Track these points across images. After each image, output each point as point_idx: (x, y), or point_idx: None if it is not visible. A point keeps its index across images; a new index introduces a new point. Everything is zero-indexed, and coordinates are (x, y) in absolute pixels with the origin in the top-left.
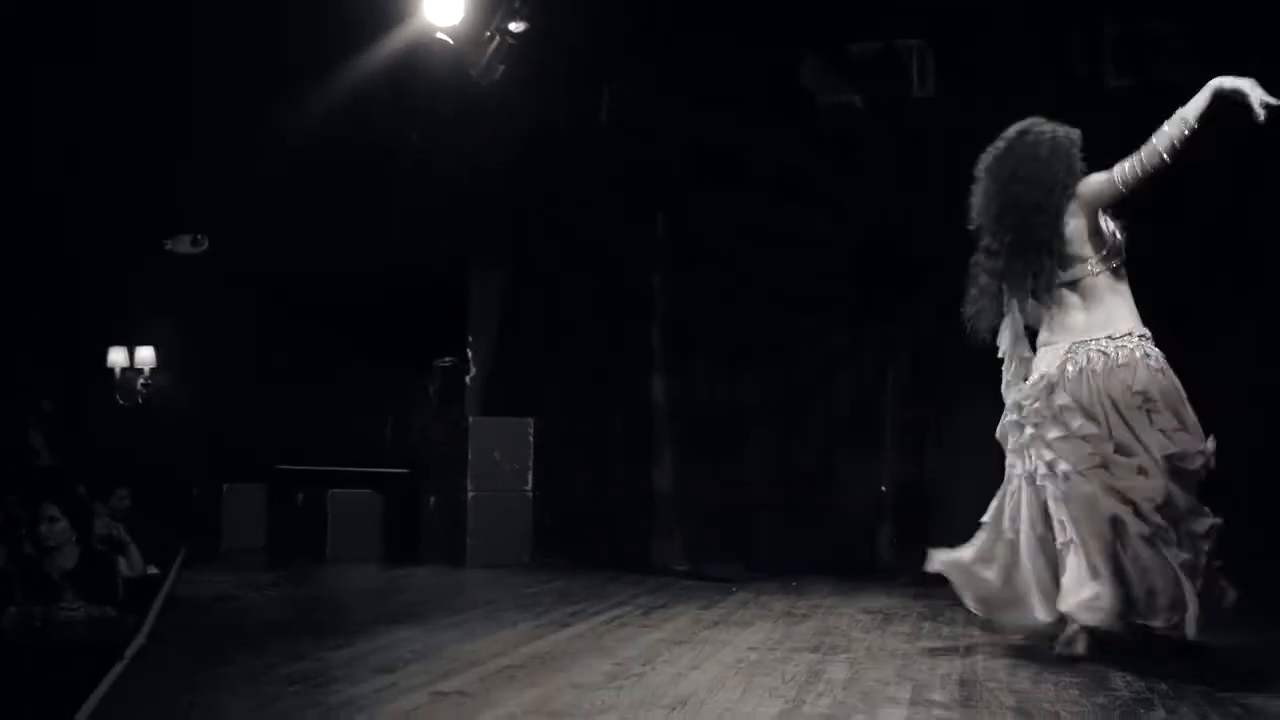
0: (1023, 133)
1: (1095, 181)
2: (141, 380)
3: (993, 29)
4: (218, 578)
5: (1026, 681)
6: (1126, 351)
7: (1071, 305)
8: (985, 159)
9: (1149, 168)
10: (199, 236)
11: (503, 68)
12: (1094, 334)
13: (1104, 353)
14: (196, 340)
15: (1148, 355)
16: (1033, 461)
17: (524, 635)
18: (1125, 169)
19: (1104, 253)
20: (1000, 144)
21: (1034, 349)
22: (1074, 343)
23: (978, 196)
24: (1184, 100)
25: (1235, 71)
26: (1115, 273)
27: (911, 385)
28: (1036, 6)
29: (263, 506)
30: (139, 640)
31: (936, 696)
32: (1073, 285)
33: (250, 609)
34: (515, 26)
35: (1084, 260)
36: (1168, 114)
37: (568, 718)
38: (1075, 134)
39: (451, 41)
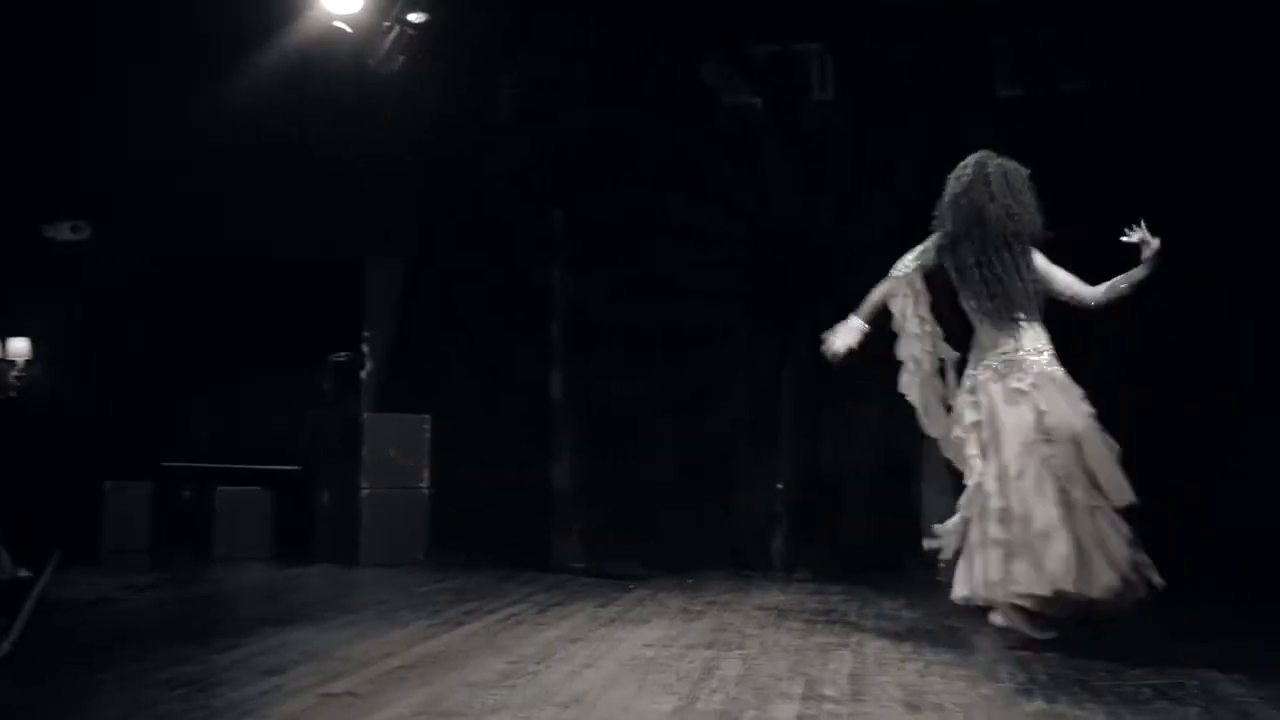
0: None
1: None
2: (14, 372)
3: (890, 37)
4: (97, 579)
5: (914, 675)
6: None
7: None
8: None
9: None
10: (79, 224)
11: (402, 58)
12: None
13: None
14: (78, 332)
15: None
16: None
17: (417, 635)
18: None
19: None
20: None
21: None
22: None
23: (956, 213)
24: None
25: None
26: None
27: (808, 383)
28: (932, 17)
29: (147, 505)
30: (4, 646)
31: (828, 691)
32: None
33: (131, 611)
34: (415, 17)
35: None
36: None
37: (459, 717)
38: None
39: (350, 31)
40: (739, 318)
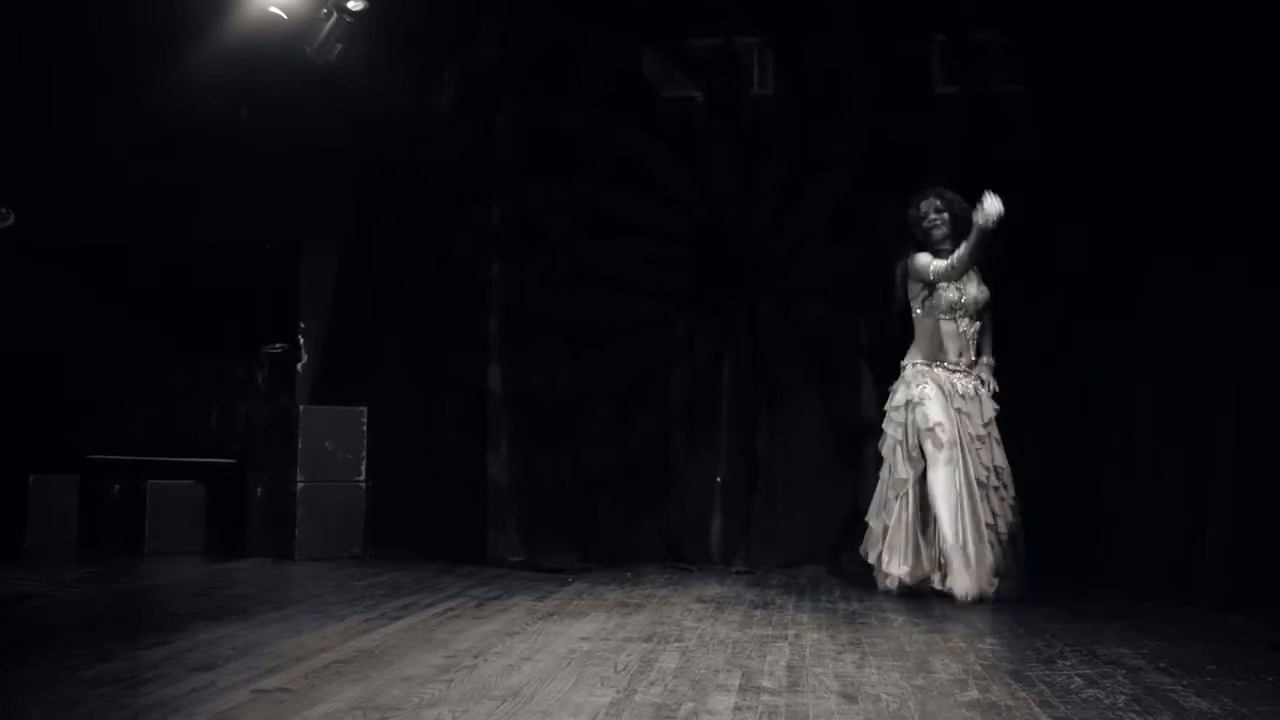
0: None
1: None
2: None
3: (830, 32)
4: (18, 575)
5: (851, 666)
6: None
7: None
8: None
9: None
10: (4, 210)
11: (340, 46)
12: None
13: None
14: (2, 321)
15: None
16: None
17: (352, 629)
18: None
19: None
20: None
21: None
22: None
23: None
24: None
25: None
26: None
27: (747, 377)
28: (871, 12)
29: (74, 499)
30: None
31: (765, 683)
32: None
33: (54, 607)
34: (353, 5)
35: None
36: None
37: (395, 712)
38: None
39: (286, 17)
40: (678, 311)
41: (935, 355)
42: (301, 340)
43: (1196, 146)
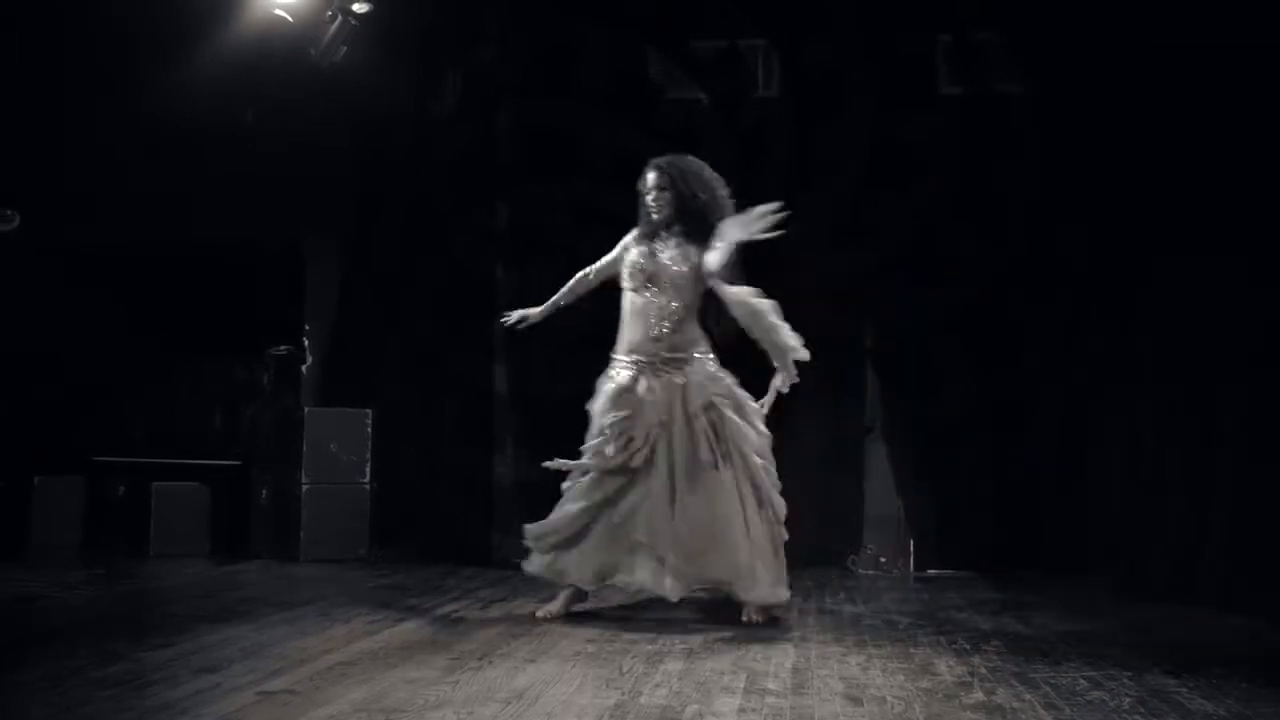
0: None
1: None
2: None
3: (833, 34)
4: (24, 576)
5: (856, 668)
6: None
7: None
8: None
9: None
10: (8, 212)
11: (345, 49)
12: None
13: None
14: (8, 323)
15: None
16: None
17: (357, 631)
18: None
19: None
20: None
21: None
22: None
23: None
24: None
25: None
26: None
27: (750, 381)
28: (875, 14)
29: (80, 500)
30: None
31: (770, 685)
32: None
33: (59, 609)
34: (358, 7)
35: None
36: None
37: (400, 714)
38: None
39: (291, 20)
40: None
41: None
42: (306, 342)
43: (1198, 146)
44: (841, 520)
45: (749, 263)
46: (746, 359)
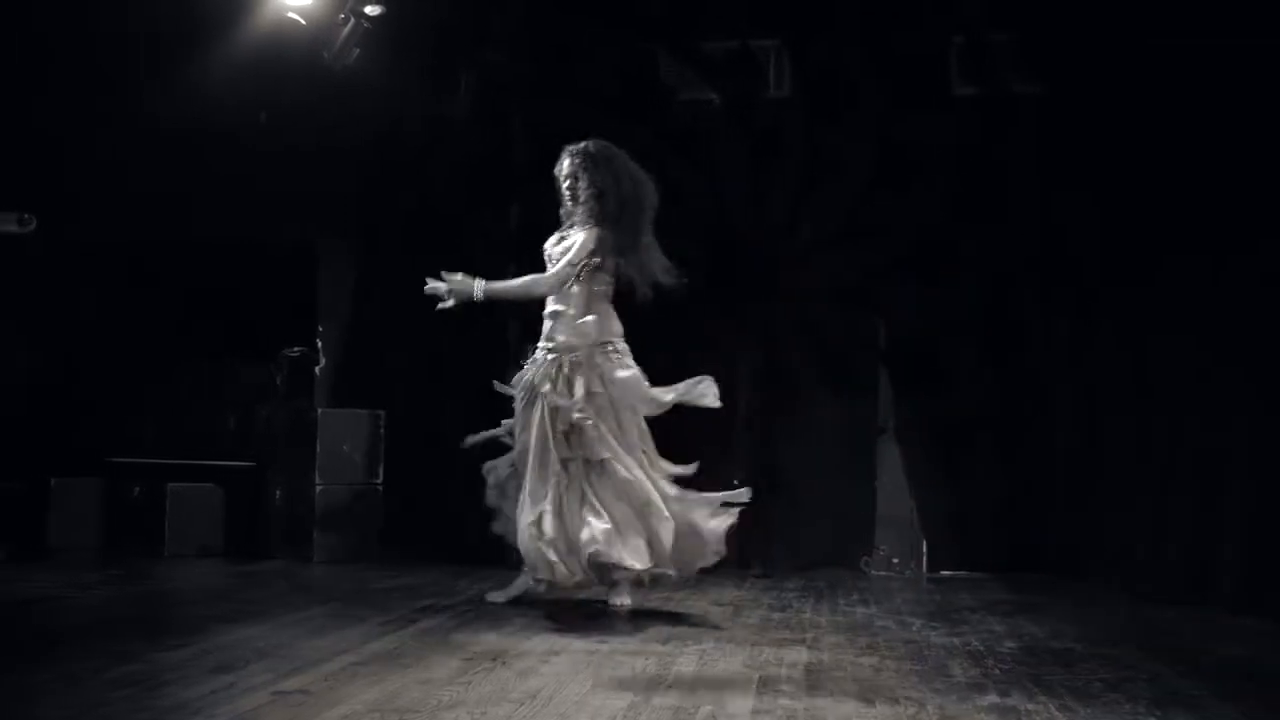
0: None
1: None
2: None
3: (846, 34)
4: (41, 577)
5: (870, 669)
6: None
7: None
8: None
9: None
10: (26, 216)
11: (357, 51)
12: None
13: None
14: (21, 325)
15: None
16: None
17: (371, 631)
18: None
19: None
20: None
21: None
22: None
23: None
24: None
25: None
26: None
27: (762, 380)
28: (888, 14)
29: (95, 501)
30: None
31: (784, 686)
32: None
33: (74, 609)
34: (371, 9)
35: None
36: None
37: (413, 714)
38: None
39: (304, 22)
40: (693, 314)
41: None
42: (319, 343)
43: (1211, 146)
44: (854, 521)
45: (759, 263)
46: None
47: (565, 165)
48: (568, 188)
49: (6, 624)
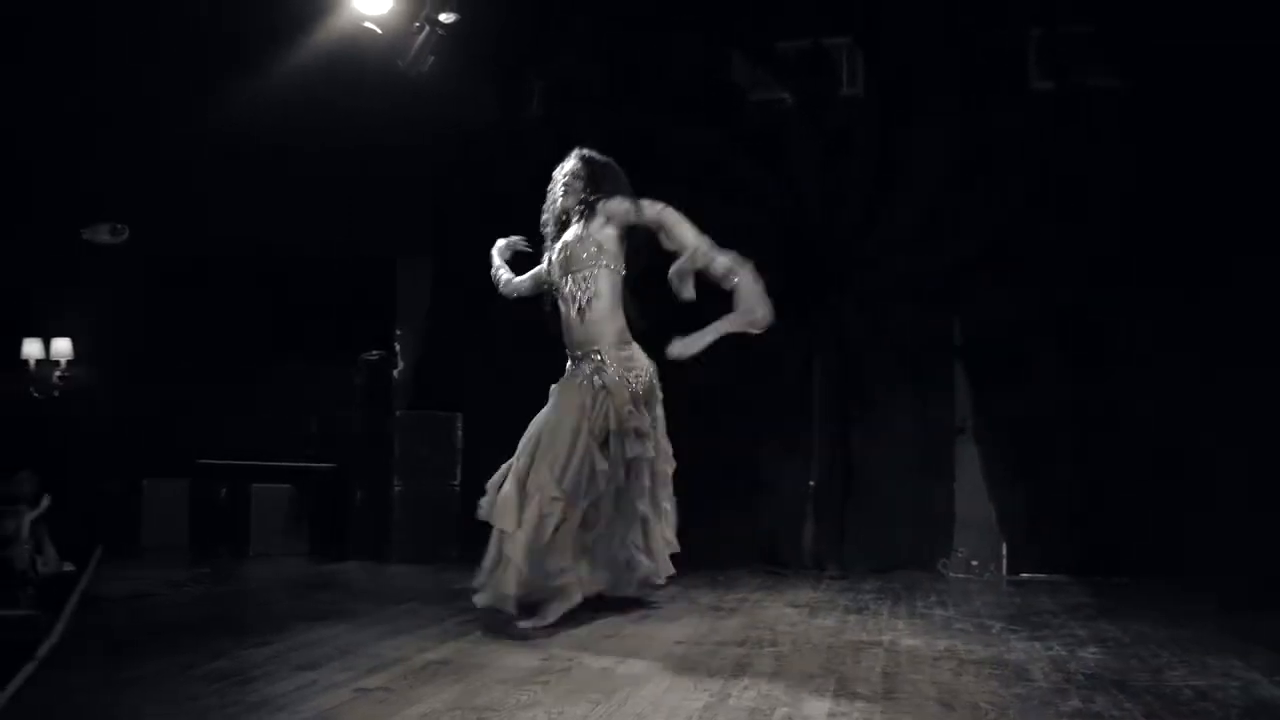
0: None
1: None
2: (57, 373)
3: (922, 28)
4: (136, 574)
5: (948, 674)
6: None
7: None
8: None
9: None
10: (118, 226)
11: (432, 59)
12: None
13: None
14: (116, 331)
15: None
16: None
17: (450, 631)
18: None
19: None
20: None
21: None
22: None
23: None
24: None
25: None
26: None
27: (837, 381)
28: (963, 9)
29: (184, 502)
30: (51, 639)
31: (861, 689)
32: None
33: (169, 606)
34: (445, 17)
35: None
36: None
37: (492, 713)
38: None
39: (379, 31)
40: None
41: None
42: (397, 347)
43: None
44: (931, 522)
45: (833, 262)
46: None
47: (570, 164)
48: (565, 184)
49: (107, 620)
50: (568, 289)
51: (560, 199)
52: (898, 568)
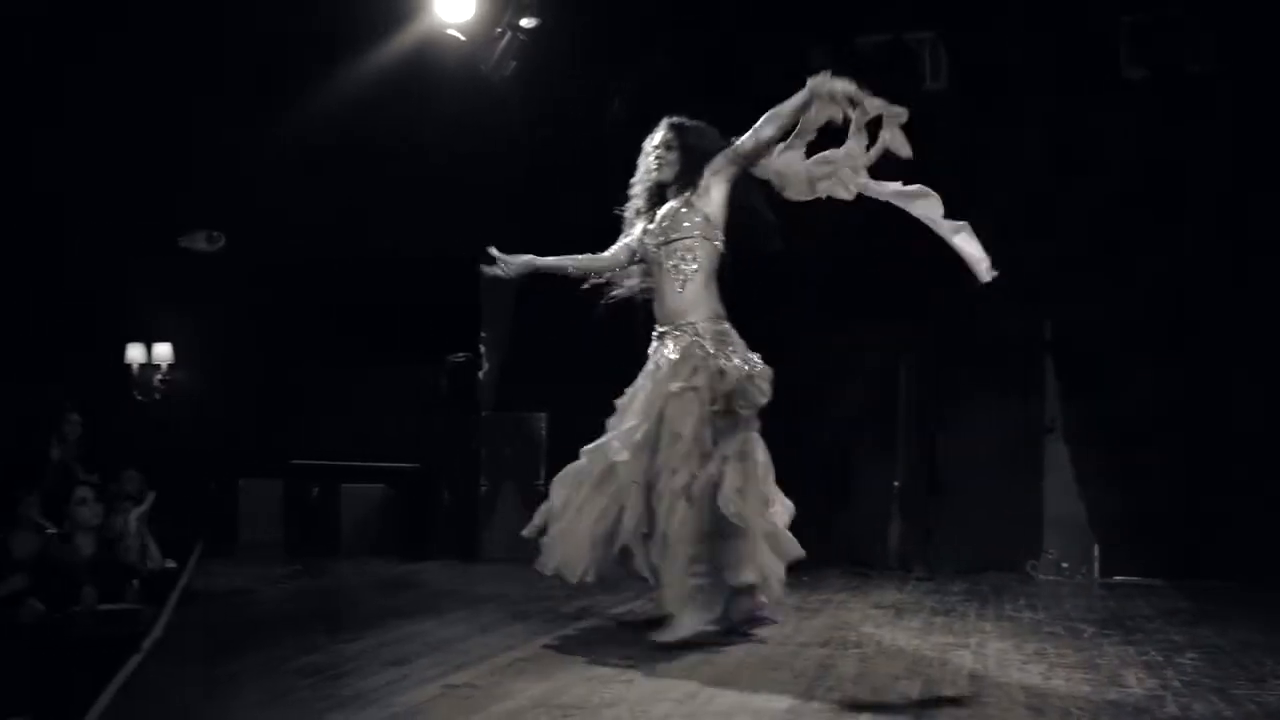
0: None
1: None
2: (159, 376)
3: (1007, 20)
4: (234, 571)
5: (1038, 677)
6: None
7: None
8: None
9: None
10: (214, 234)
11: (514, 64)
12: None
13: None
14: (213, 336)
15: None
16: None
17: (536, 628)
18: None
19: None
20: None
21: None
22: None
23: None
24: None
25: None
26: None
27: (924, 380)
28: None
29: (279, 501)
30: (155, 633)
31: (946, 692)
32: None
33: (265, 602)
34: (526, 22)
35: None
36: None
37: (576, 710)
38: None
39: (463, 38)
40: (851, 314)
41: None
42: (482, 349)
43: None
44: (1020, 523)
45: (918, 260)
46: None
47: (661, 134)
48: (658, 156)
49: (206, 615)
50: (666, 261)
51: (655, 171)
52: (985, 569)
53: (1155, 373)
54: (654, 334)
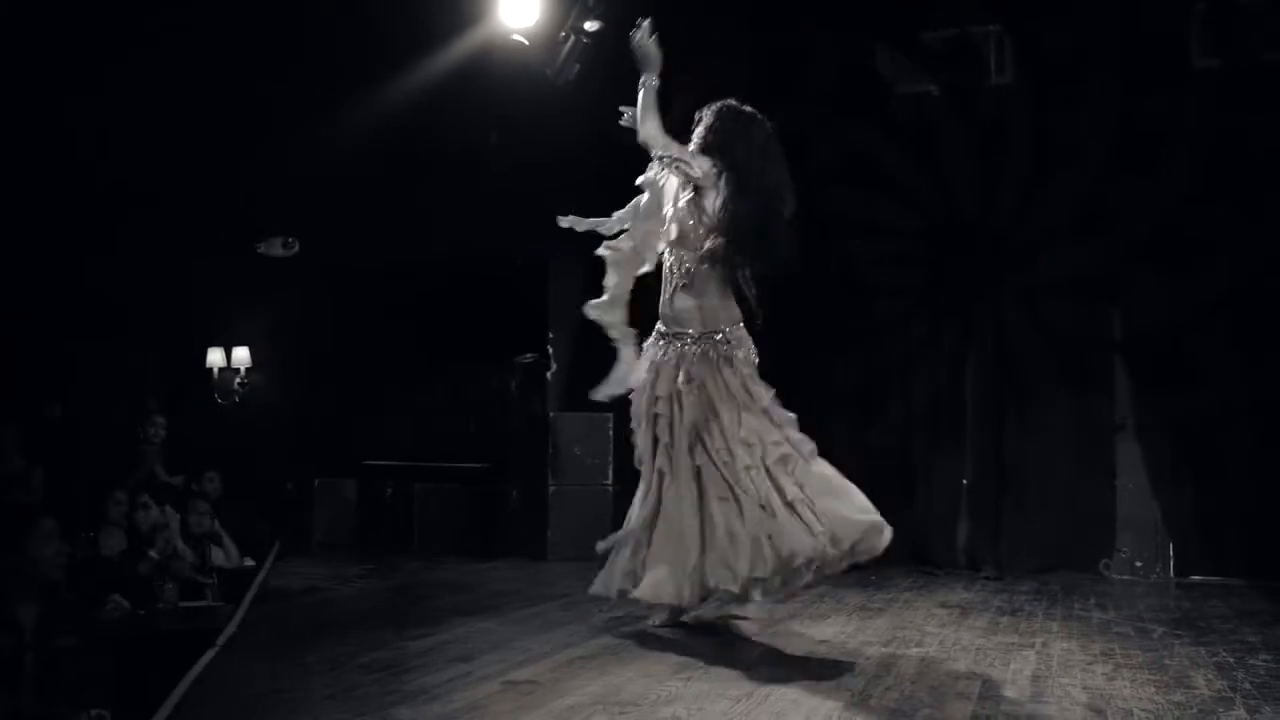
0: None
1: None
2: (238, 380)
3: (1073, 13)
4: (308, 569)
5: (1102, 678)
6: None
7: None
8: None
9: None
10: (290, 239)
11: (578, 67)
12: None
13: None
14: (288, 339)
15: None
16: None
17: (599, 627)
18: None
19: None
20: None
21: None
22: None
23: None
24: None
25: None
26: None
27: (991, 376)
28: None
29: (353, 500)
30: (230, 628)
31: (1007, 692)
32: None
33: (337, 599)
34: (590, 26)
35: None
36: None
37: (634, 707)
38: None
39: (527, 43)
40: (917, 310)
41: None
42: (550, 349)
43: None
44: (1092, 522)
45: (986, 255)
46: None
47: (707, 114)
48: (699, 137)
49: (284, 611)
50: (668, 260)
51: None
52: (1056, 568)
53: (1228, 369)
54: (654, 334)
